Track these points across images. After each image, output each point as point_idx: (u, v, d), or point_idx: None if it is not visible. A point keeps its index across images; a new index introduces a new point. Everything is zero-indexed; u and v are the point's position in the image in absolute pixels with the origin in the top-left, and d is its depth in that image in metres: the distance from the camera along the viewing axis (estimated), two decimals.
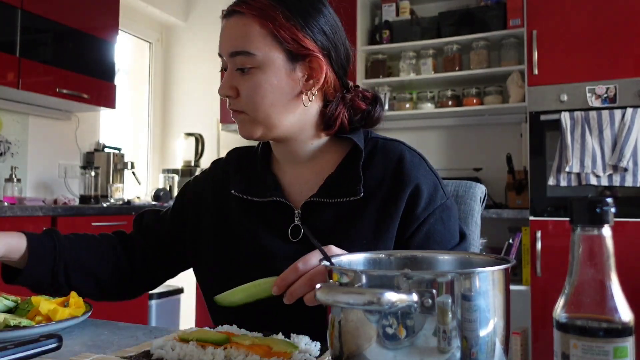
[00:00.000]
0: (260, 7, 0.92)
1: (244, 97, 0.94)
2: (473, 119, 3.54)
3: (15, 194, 3.00)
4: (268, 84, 0.92)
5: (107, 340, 0.80)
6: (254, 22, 0.92)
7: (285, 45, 0.93)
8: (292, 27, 0.93)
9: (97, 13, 3.34)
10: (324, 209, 0.96)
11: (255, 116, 0.94)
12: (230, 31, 0.94)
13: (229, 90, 0.94)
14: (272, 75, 0.93)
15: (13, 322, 0.77)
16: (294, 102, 0.96)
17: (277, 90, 0.93)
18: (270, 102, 0.93)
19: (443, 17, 3.49)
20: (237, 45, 0.92)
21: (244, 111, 0.95)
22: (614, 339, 0.46)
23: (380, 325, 0.51)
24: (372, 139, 1.02)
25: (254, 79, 0.92)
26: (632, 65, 2.70)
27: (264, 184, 1.01)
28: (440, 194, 0.96)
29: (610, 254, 0.48)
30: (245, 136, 0.97)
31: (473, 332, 0.51)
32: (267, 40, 0.92)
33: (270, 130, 0.96)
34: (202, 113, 4.38)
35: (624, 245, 2.56)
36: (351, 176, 0.96)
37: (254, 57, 0.91)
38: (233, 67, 0.94)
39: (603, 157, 2.68)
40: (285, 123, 0.96)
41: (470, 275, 0.52)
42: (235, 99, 0.95)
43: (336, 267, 0.58)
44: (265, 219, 0.99)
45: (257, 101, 0.93)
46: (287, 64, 0.94)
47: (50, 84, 2.99)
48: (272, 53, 0.92)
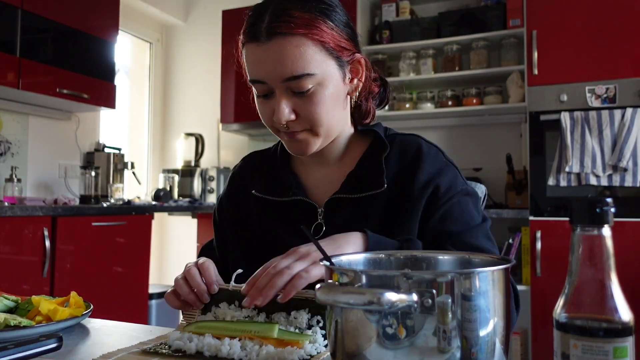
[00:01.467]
0: (305, 23, 0.87)
1: (306, 117, 0.90)
2: (473, 119, 3.54)
3: (16, 194, 3.00)
4: (329, 98, 0.90)
5: (107, 340, 0.80)
6: (305, 39, 0.87)
7: (335, 53, 0.91)
8: (334, 33, 0.91)
9: (97, 13, 3.33)
10: (347, 205, 0.96)
11: (318, 131, 0.92)
12: (282, 55, 0.86)
13: (290, 114, 0.89)
14: (332, 88, 0.91)
15: (13, 322, 0.77)
16: (344, 104, 0.97)
17: (335, 100, 0.93)
18: (332, 114, 0.92)
19: (443, 17, 3.49)
20: (296, 70, 0.86)
21: (305, 129, 0.92)
22: (613, 339, 0.46)
23: (380, 325, 0.51)
24: (390, 135, 1.02)
25: (316, 97, 0.89)
26: (632, 65, 2.70)
27: (285, 183, 1.00)
28: (461, 181, 0.97)
29: (610, 254, 0.48)
30: (303, 153, 0.95)
31: (473, 332, 0.51)
32: (321, 56, 0.89)
33: (327, 140, 0.96)
34: (202, 113, 4.38)
35: (624, 245, 2.56)
36: (373, 169, 0.96)
37: (315, 77, 0.88)
38: (287, 90, 0.89)
39: (603, 157, 2.68)
40: (338, 128, 0.96)
41: (470, 275, 0.52)
42: (294, 122, 0.91)
43: (336, 267, 0.58)
44: (287, 219, 0.99)
45: (321, 117, 0.90)
46: (339, 72, 0.93)
47: (50, 84, 2.99)
48: (327, 67, 0.90)
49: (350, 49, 0.94)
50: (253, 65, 0.90)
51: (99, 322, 0.91)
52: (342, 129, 0.99)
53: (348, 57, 0.93)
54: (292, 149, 0.96)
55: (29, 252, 2.53)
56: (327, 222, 0.96)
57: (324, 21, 0.89)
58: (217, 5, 4.13)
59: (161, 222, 4.36)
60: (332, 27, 0.90)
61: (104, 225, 2.93)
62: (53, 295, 0.94)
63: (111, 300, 2.92)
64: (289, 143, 0.95)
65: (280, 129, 0.92)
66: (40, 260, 2.56)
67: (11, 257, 2.46)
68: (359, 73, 0.97)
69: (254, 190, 1.01)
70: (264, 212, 1.01)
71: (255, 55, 0.89)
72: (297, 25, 0.86)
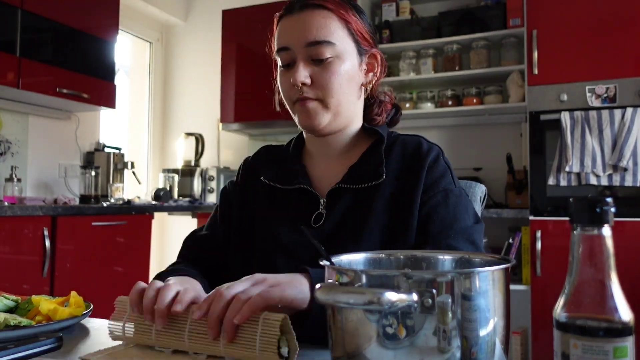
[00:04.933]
0: (336, 2, 0.98)
1: (320, 84, 0.96)
2: (473, 118, 3.54)
3: (16, 194, 3.00)
4: (345, 72, 0.97)
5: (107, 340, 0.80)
6: (333, 14, 0.97)
7: (357, 37, 1.00)
8: (358, 21, 1.01)
9: (97, 13, 3.33)
10: (347, 196, 0.99)
11: (328, 102, 0.97)
12: (309, 22, 0.96)
13: (305, 78, 0.96)
14: (349, 64, 0.98)
15: (13, 321, 0.77)
16: (358, 92, 1.03)
17: (350, 79, 0.99)
18: (344, 90, 0.98)
19: (443, 17, 3.49)
20: (319, 35, 0.96)
21: (317, 98, 0.97)
22: (613, 339, 0.46)
23: (381, 325, 0.51)
24: (394, 136, 1.08)
25: (332, 66, 0.96)
26: (632, 65, 2.70)
27: (292, 173, 1.05)
28: (447, 181, 0.99)
29: (610, 253, 0.48)
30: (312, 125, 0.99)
31: (473, 332, 0.51)
32: (344, 33, 0.98)
33: (336, 119, 1.00)
34: (202, 113, 4.38)
35: (624, 245, 2.56)
36: (373, 161, 1.00)
37: (334, 47, 0.96)
38: (307, 57, 0.97)
39: (603, 156, 2.68)
40: (348, 112, 1.01)
41: (470, 275, 0.52)
42: (308, 87, 0.97)
43: (336, 266, 0.58)
44: (290, 207, 1.02)
45: (334, 87, 0.96)
46: (357, 56, 1.01)
47: (50, 84, 2.99)
48: (347, 45, 0.99)
49: (370, 42, 1.03)
50: (282, 33, 0.99)
51: (99, 322, 0.91)
52: (351, 117, 1.03)
53: (367, 47, 1.02)
54: (303, 120, 0.99)
55: (29, 252, 2.53)
56: (329, 212, 0.99)
57: (352, 9, 1.01)
58: (217, 5, 4.13)
59: (161, 222, 4.36)
60: (357, 17, 1.01)
61: (104, 225, 2.93)
62: (53, 295, 0.94)
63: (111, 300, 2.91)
64: (300, 113, 0.99)
65: (295, 96, 0.98)
66: (40, 260, 2.56)
67: (11, 257, 2.46)
68: (374, 68, 1.04)
69: (263, 177, 1.06)
70: (270, 199, 1.05)
71: (285, 25, 0.99)
72: (328, 1, 0.98)
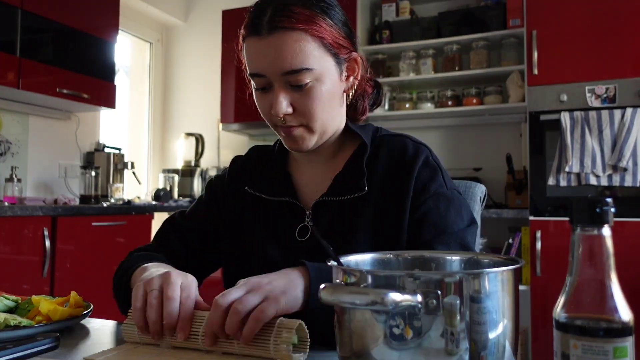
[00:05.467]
0: (305, 19, 0.89)
1: (303, 112, 0.91)
2: (473, 119, 3.54)
3: (16, 194, 3.00)
4: (326, 94, 0.92)
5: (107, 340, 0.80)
6: (305, 35, 0.88)
7: (333, 50, 0.92)
8: (332, 31, 0.92)
9: (97, 13, 3.33)
10: (332, 208, 0.96)
11: (313, 126, 0.93)
12: (282, 49, 0.88)
13: (287, 107, 0.90)
14: (329, 84, 0.92)
15: (13, 322, 0.77)
16: (340, 102, 0.98)
17: (332, 97, 0.94)
18: (327, 111, 0.93)
19: (443, 17, 3.49)
20: (295, 64, 0.88)
21: (301, 124, 0.93)
22: (613, 339, 0.46)
23: (387, 326, 0.50)
24: (379, 136, 1.03)
25: (313, 92, 0.90)
26: (632, 65, 2.70)
27: (278, 183, 1.01)
28: (439, 183, 0.96)
29: (610, 254, 0.48)
30: (299, 149, 0.96)
31: (482, 335, 0.50)
32: (320, 52, 0.90)
33: (322, 137, 0.96)
34: (202, 113, 4.38)
35: (624, 245, 2.56)
36: (355, 172, 0.96)
37: (312, 72, 0.89)
38: (286, 84, 0.90)
39: (603, 157, 2.68)
40: (333, 126, 0.97)
41: (479, 276, 0.51)
42: (291, 116, 0.92)
43: (342, 267, 0.58)
44: (276, 218, 1.00)
45: (317, 113, 0.92)
46: (336, 69, 0.94)
47: (50, 84, 2.99)
48: (325, 63, 0.91)
49: (348, 47, 0.96)
50: (253, 58, 0.91)
51: (99, 322, 0.91)
52: (337, 127, 1.00)
53: (345, 54, 0.95)
54: (289, 144, 0.96)
55: (29, 252, 2.53)
56: (315, 224, 0.97)
57: (324, 18, 0.91)
58: (217, 5, 4.13)
59: (161, 222, 4.35)
60: (331, 25, 0.92)
61: (104, 225, 2.93)
62: (53, 295, 0.94)
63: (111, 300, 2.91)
64: (286, 139, 0.96)
65: (278, 123, 0.93)
66: (40, 260, 2.56)
67: (11, 257, 2.46)
68: (355, 71, 0.98)
69: (247, 187, 1.02)
70: (256, 208, 1.02)
71: (255, 49, 0.90)
72: (298, 20, 0.88)
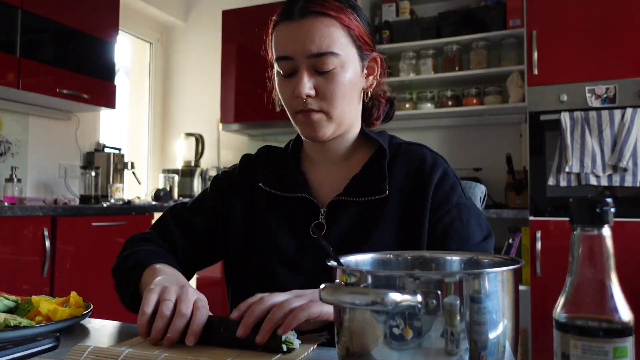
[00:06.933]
0: (336, 8, 0.94)
1: (325, 96, 0.94)
2: (473, 119, 3.53)
3: (16, 194, 3.00)
4: (348, 82, 0.95)
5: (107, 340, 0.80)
6: (334, 21, 0.93)
7: (359, 43, 0.97)
8: (359, 25, 0.97)
9: (97, 13, 3.33)
10: (349, 208, 0.97)
11: (333, 114, 0.95)
12: (312, 32, 0.92)
13: (310, 90, 0.93)
14: (351, 74, 0.96)
15: (13, 322, 0.77)
16: (358, 98, 1.01)
17: (352, 87, 0.97)
18: (347, 101, 0.96)
19: (443, 17, 3.49)
20: (323, 47, 0.92)
21: (321, 110, 0.95)
22: (613, 339, 0.46)
23: (387, 326, 0.50)
24: (396, 144, 1.04)
25: (337, 77, 0.94)
26: (632, 65, 2.70)
27: (293, 180, 1.02)
28: (458, 194, 0.98)
29: (610, 254, 0.48)
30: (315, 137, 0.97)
31: (482, 335, 0.50)
32: (347, 40, 0.95)
33: (339, 128, 0.98)
34: (202, 113, 4.38)
35: (624, 245, 2.56)
36: (376, 175, 0.98)
37: (338, 57, 0.93)
38: (310, 67, 0.93)
39: (603, 157, 2.68)
40: (349, 120, 0.99)
41: (479, 276, 0.51)
42: (312, 99, 0.94)
43: (343, 267, 0.58)
44: (290, 215, 1.01)
45: (337, 99, 0.94)
46: (359, 62, 0.98)
47: (50, 84, 2.99)
48: (350, 52, 0.95)
49: (371, 45, 1.00)
50: (283, 41, 0.95)
51: (99, 322, 0.91)
52: (352, 123, 1.01)
53: (368, 51, 0.99)
54: (306, 131, 0.97)
55: (29, 252, 2.53)
56: (329, 222, 0.98)
57: (352, 12, 0.97)
58: (217, 5, 4.13)
59: None
60: (357, 20, 0.97)
61: (104, 225, 2.93)
62: (53, 295, 0.94)
63: (111, 300, 2.91)
64: (304, 125, 0.97)
65: (298, 107, 0.95)
66: (40, 260, 2.56)
67: (11, 257, 2.46)
68: (375, 71, 1.02)
69: (261, 183, 1.03)
70: (269, 204, 1.03)
71: (286, 32, 0.94)
72: (329, 7, 0.93)
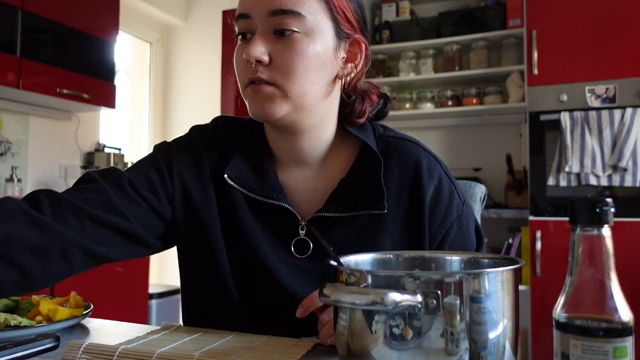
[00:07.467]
0: None
1: (280, 65, 0.77)
2: (473, 119, 3.54)
3: (16, 194, 3.00)
4: (312, 55, 0.78)
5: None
6: None
7: (336, 15, 0.81)
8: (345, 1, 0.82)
9: (97, 13, 3.33)
10: (337, 223, 0.84)
11: (288, 90, 0.78)
12: None
13: (262, 54, 0.77)
14: (319, 46, 0.78)
15: (13, 322, 0.77)
16: (330, 86, 0.83)
17: (321, 64, 0.79)
18: (311, 78, 0.78)
19: (443, 17, 3.49)
20: (286, 3, 0.76)
21: (274, 83, 0.78)
22: (613, 339, 0.46)
23: (387, 326, 0.50)
24: (382, 137, 0.90)
25: (298, 44, 0.77)
26: (632, 65, 2.70)
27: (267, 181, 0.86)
28: (457, 202, 0.87)
29: (610, 254, 0.48)
30: (263, 114, 0.80)
31: (482, 335, 0.50)
32: (320, 6, 0.79)
33: (297, 112, 0.80)
34: (202, 113, 4.38)
35: (624, 245, 2.56)
36: (368, 186, 0.84)
37: (303, 20, 0.77)
38: (269, 28, 0.78)
39: (603, 157, 2.68)
40: (315, 108, 0.82)
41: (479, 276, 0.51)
42: (266, 67, 0.78)
43: (342, 267, 0.58)
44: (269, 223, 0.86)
45: (297, 71, 0.77)
46: (334, 39, 0.81)
47: (50, 84, 2.99)
48: (322, 22, 0.79)
49: (354, 27, 0.84)
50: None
51: (99, 322, 0.91)
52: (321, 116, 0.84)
53: (349, 30, 0.83)
54: (254, 107, 0.80)
55: None
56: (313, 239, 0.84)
57: None
58: (217, 5, 4.13)
59: None
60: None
61: None
62: (53, 295, 0.94)
63: (111, 300, 2.92)
64: (252, 99, 0.80)
65: (247, 77, 0.79)
66: None
67: None
68: (356, 58, 0.85)
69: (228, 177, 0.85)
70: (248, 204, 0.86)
71: None
72: None
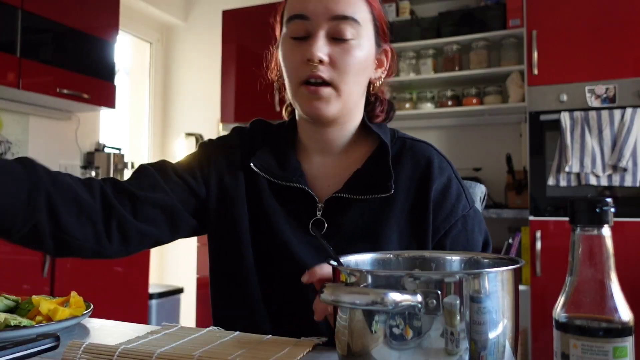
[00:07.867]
0: None
1: (338, 67, 0.85)
2: (473, 119, 3.53)
3: None
4: (363, 60, 0.88)
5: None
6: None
7: (378, 26, 0.91)
8: (381, 11, 0.93)
9: (97, 13, 3.33)
10: (350, 206, 0.90)
11: (342, 89, 0.87)
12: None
13: (325, 55, 0.85)
14: (367, 52, 0.89)
15: (13, 322, 0.77)
16: (365, 86, 0.93)
17: (364, 69, 0.90)
18: (357, 80, 0.88)
19: (443, 17, 3.49)
20: (347, 10, 0.85)
21: (332, 82, 0.86)
22: (613, 339, 0.46)
23: (387, 326, 0.50)
24: (400, 138, 0.98)
25: (353, 50, 0.86)
26: (632, 65, 2.70)
27: (289, 167, 0.94)
28: (463, 203, 0.92)
29: (610, 254, 0.48)
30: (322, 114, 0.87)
31: (482, 335, 0.50)
32: (369, 17, 0.89)
33: (343, 110, 0.90)
34: (202, 113, 4.38)
35: (624, 245, 2.56)
36: (380, 172, 0.90)
37: (359, 28, 0.86)
38: (327, 32, 0.85)
39: (602, 157, 2.68)
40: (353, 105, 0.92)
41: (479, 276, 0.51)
42: (325, 66, 0.85)
43: (343, 267, 0.58)
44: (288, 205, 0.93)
45: (351, 73, 0.86)
46: (374, 46, 0.92)
47: (50, 84, 2.99)
48: (369, 30, 0.89)
49: (386, 35, 0.95)
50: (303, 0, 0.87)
51: (99, 322, 0.91)
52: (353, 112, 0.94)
53: (383, 41, 0.94)
54: (310, 106, 0.87)
55: (29, 252, 2.52)
56: (329, 219, 0.91)
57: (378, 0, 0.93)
58: (217, 5, 4.13)
59: None
60: (380, 7, 0.93)
61: None
62: (53, 295, 0.94)
63: (111, 300, 2.92)
64: (309, 100, 0.87)
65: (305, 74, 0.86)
66: (40, 260, 2.56)
67: (11, 257, 2.46)
68: (383, 65, 0.96)
69: (253, 165, 0.93)
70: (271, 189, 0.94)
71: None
72: None
